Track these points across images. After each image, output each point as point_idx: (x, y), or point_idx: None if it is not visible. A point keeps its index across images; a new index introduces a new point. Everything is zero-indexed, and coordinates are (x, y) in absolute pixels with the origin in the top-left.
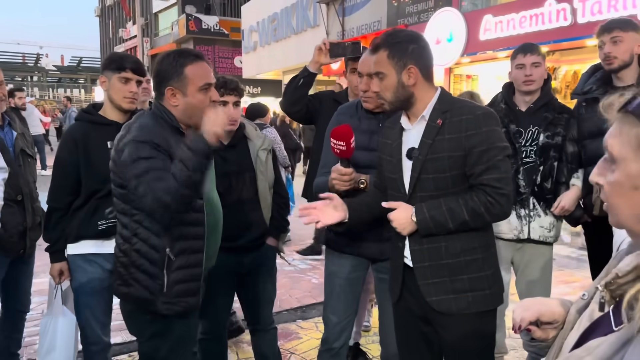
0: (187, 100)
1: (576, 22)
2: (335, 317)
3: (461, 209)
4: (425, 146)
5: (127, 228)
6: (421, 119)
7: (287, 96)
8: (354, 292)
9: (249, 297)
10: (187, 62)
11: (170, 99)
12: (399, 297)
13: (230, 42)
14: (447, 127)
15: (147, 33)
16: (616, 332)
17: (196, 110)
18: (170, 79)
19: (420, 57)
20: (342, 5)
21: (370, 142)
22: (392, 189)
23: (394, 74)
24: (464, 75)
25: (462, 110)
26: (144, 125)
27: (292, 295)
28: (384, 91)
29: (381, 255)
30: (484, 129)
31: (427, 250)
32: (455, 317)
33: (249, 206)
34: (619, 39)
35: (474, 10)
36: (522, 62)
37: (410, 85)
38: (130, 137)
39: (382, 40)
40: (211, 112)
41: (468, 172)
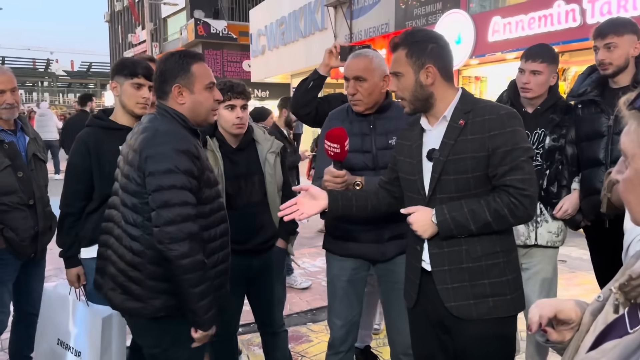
0: (195, 97)
1: (585, 22)
2: (340, 321)
3: (483, 210)
4: (446, 147)
5: (137, 241)
6: (442, 119)
7: (297, 99)
8: (357, 295)
9: (259, 300)
10: (193, 61)
11: (177, 97)
12: (415, 302)
13: (239, 46)
14: (470, 127)
15: (156, 38)
16: (631, 334)
17: (202, 108)
18: (177, 77)
19: (439, 56)
20: (349, 9)
21: (363, 145)
22: (410, 191)
23: (412, 73)
24: (472, 77)
25: (484, 110)
26: (170, 131)
27: (303, 298)
28: (403, 91)
29: (382, 257)
30: (508, 129)
31: (447, 254)
32: (474, 323)
33: (258, 209)
34: (613, 45)
35: (482, 11)
36: (522, 68)
37: (428, 84)
38: (164, 143)
39: (401, 39)
40: None
41: (491, 173)
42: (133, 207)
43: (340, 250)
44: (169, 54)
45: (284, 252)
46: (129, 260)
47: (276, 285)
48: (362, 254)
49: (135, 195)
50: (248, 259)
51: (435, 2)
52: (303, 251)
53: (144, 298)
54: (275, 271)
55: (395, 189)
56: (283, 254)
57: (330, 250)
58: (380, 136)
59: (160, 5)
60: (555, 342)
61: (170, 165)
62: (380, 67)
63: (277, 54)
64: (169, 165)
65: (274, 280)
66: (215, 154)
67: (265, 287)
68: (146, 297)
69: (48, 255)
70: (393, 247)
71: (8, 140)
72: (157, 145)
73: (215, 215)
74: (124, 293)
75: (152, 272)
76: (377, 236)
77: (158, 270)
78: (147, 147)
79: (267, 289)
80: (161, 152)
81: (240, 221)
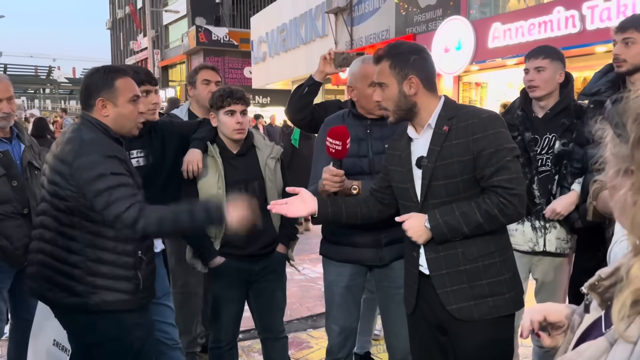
0: (118, 110)
1: (585, 28)
2: (337, 327)
3: (474, 212)
4: (433, 153)
5: (75, 240)
6: (427, 127)
7: (292, 104)
8: (354, 300)
9: (259, 305)
10: (117, 76)
11: (101, 109)
12: (414, 307)
13: (240, 53)
14: (454, 132)
15: (158, 45)
16: (604, 335)
17: (126, 120)
18: (101, 91)
19: (421, 67)
20: (350, 15)
21: (359, 150)
22: (404, 199)
23: (395, 84)
24: (473, 83)
25: (467, 115)
26: (95, 140)
27: (303, 304)
28: (386, 101)
29: (380, 261)
30: (490, 132)
31: (443, 258)
32: (473, 324)
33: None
34: (632, 40)
35: (483, 18)
36: (526, 67)
37: (411, 95)
38: (91, 152)
39: (385, 51)
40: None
41: (478, 175)
42: (68, 209)
43: (337, 255)
44: (94, 69)
45: (284, 257)
46: (66, 259)
47: (277, 291)
48: (359, 258)
49: (68, 199)
50: (248, 264)
51: (435, 9)
52: (303, 257)
53: (84, 294)
54: (275, 277)
55: (385, 196)
56: (283, 259)
57: (327, 256)
58: (377, 141)
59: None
60: (549, 347)
61: (101, 170)
62: None
63: (278, 61)
64: (100, 170)
65: (275, 285)
66: (215, 159)
67: (266, 292)
68: (86, 292)
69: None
70: (390, 251)
71: (3, 149)
72: (85, 155)
73: None
74: (63, 291)
75: (90, 268)
76: (374, 241)
77: (95, 267)
78: (76, 157)
79: (267, 295)
80: (90, 160)
81: None
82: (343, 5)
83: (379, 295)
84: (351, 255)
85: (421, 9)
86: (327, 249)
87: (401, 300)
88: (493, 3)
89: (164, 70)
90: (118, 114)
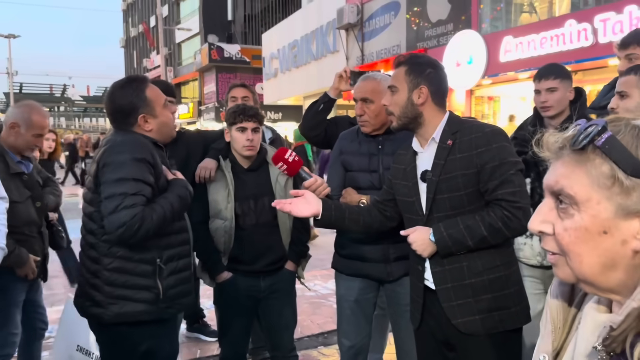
0: (159, 120)
1: (597, 41)
2: (348, 341)
3: (479, 225)
4: (437, 167)
5: (94, 248)
6: (432, 141)
7: (307, 121)
8: (365, 315)
9: (267, 323)
10: (144, 87)
11: (144, 125)
12: (420, 322)
13: (252, 69)
14: (458, 146)
15: (171, 62)
16: None
17: (167, 127)
18: (139, 108)
19: (433, 81)
20: (361, 31)
21: (370, 164)
22: (409, 213)
23: (406, 90)
24: (485, 97)
25: (471, 130)
26: (127, 140)
27: (314, 321)
28: (393, 105)
29: (388, 277)
30: (493, 146)
31: (448, 271)
32: (480, 339)
33: (267, 230)
34: (635, 56)
35: (494, 32)
36: (537, 88)
37: (418, 104)
38: (122, 152)
39: (406, 58)
40: None
41: (482, 189)
42: (90, 215)
43: (347, 269)
44: (118, 86)
45: (293, 274)
46: (89, 267)
47: (285, 309)
48: (368, 273)
49: (91, 203)
50: (255, 280)
51: (446, 23)
52: (314, 273)
53: (103, 304)
54: (283, 293)
55: (387, 208)
56: (293, 277)
57: (338, 269)
58: (388, 156)
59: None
60: None
61: (122, 174)
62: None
63: (289, 77)
64: (122, 174)
65: (283, 303)
66: (225, 174)
67: (273, 310)
68: (105, 302)
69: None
70: (399, 267)
71: (28, 172)
72: (115, 154)
73: (172, 223)
74: (87, 300)
75: (107, 278)
76: (383, 256)
77: (113, 276)
78: (105, 156)
79: (275, 312)
80: (118, 160)
81: (249, 241)
82: (354, 21)
83: (389, 311)
84: (360, 269)
85: (432, 23)
86: (338, 262)
87: None
88: (505, 17)
89: (176, 87)
90: (160, 123)
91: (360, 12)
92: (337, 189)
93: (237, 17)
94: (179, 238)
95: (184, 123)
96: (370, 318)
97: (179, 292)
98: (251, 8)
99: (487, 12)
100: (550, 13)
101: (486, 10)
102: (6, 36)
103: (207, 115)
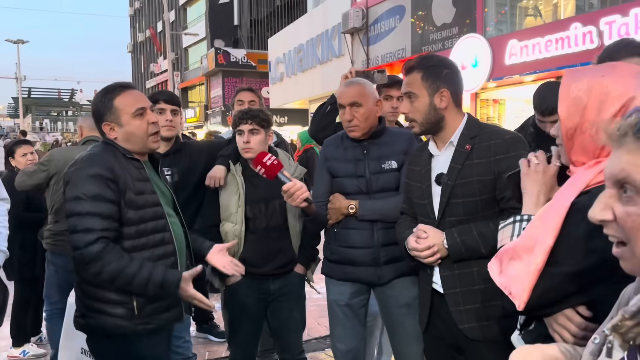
0: (125, 129)
1: (603, 44)
2: (343, 345)
3: (492, 233)
4: (454, 171)
5: (74, 260)
6: (449, 144)
7: (315, 123)
8: (358, 318)
9: (275, 325)
10: (115, 95)
11: (110, 133)
12: (427, 325)
13: (258, 73)
14: (476, 152)
15: (178, 67)
16: None
17: (135, 137)
18: (104, 115)
19: (452, 82)
20: (366, 35)
21: (356, 170)
22: (421, 215)
23: (427, 96)
24: (490, 99)
25: (490, 135)
26: (93, 155)
27: (321, 323)
28: (414, 113)
29: (379, 280)
30: (512, 154)
31: (458, 276)
32: (489, 345)
33: (276, 233)
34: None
35: (499, 35)
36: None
37: (442, 108)
38: (75, 168)
39: (417, 62)
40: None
41: (498, 196)
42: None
43: (338, 274)
44: (97, 94)
45: (302, 277)
46: (76, 279)
47: (294, 312)
48: (359, 277)
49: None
50: (264, 283)
51: (451, 27)
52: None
53: (85, 316)
54: (292, 296)
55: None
56: (302, 280)
57: (328, 275)
58: (373, 161)
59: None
60: None
61: (78, 193)
62: (373, 93)
63: (295, 81)
64: (78, 192)
65: (291, 306)
66: (236, 178)
67: (282, 313)
68: (86, 315)
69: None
70: (390, 270)
71: None
72: (75, 171)
73: (149, 237)
74: (77, 311)
75: (85, 290)
76: (373, 260)
77: (90, 289)
78: (69, 171)
79: (284, 315)
80: (75, 177)
81: (259, 245)
82: (359, 25)
83: (382, 314)
84: (351, 274)
85: (437, 27)
86: (328, 267)
87: (404, 319)
88: (509, 20)
89: (183, 91)
90: (126, 133)
91: (366, 16)
92: (324, 195)
93: (244, 22)
94: (157, 252)
95: (191, 127)
96: (364, 321)
97: (157, 308)
98: (257, 13)
99: (491, 15)
100: (555, 16)
101: (491, 13)
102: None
103: (214, 120)
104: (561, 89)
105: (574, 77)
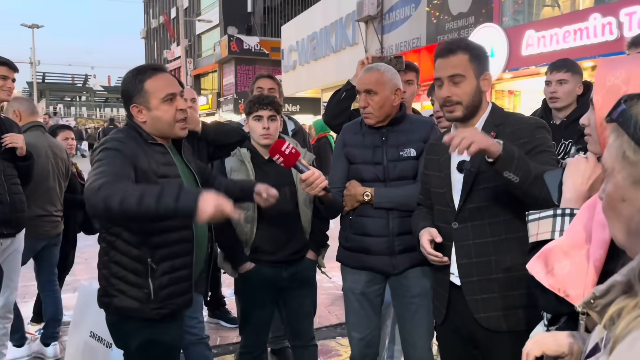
0: (153, 114)
1: (622, 35)
2: (358, 333)
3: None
4: (477, 158)
5: (104, 241)
6: None
7: (330, 109)
8: (372, 307)
9: (287, 312)
10: (146, 77)
11: (137, 115)
12: (444, 317)
13: (271, 61)
14: (501, 137)
15: (191, 54)
16: (601, 352)
17: (161, 123)
18: (133, 97)
19: (489, 66)
20: (381, 24)
21: (374, 157)
22: (439, 204)
23: (474, 78)
24: (506, 90)
25: (515, 122)
26: (115, 136)
27: (332, 311)
28: (462, 95)
29: (393, 269)
30: (537, 136)
31: (475, 265)
32: (505, 336)
33: (288, 219)
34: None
35: (516, 25)
36: (548, 79)
37: (484, 92)
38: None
39: (458, 44)
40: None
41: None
42: None
43: (352, 262)
44: (126, 74)
45: (314, 264)
46: (101, 258)
47: (306, 298)
48: (373, 266)
49: None
50: (278, 270)
51: (467, 16)
52: (333, 264)
53: (109, 295)
54: (305, 284)
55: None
56: (313, 266)
57: (343, 263)
58: (392, 148)
59: (194, 22)
60: None
61: (101, 147)
62: (392, 80)
63: (307, 69)
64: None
65: (304, 292)
66: (245, 164)
67: (295, 299)
68: (110, 294)
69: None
70: (404, 259)
71: None
72: (98, 153)
73: (166, 222)
74: (101, 289)
75: (111, 270)
76: (387, 248)
77: (114, 268)
78: (94, 154)
79: (296, 302)
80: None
81: (271, 232)
82: (374, 13)
83: (394, 304)
84: (365, 262)
85: (453, 16)
86: (343, 255)
87: (417, 309)
88: (527, 10)
89: (196, 78)
90: (153, 117)
91: (380, 5)
92: (340, 182)
93: (257, 9)
94: (174, 236)
95: (203, 115)
96: (378, 310)
97: (172, 292)
98: (271, 0)
99: (508, 5)
100: (574, 6)
101: (508, 3)
102: (30, 26)
103: (226, 107)
104: (596, 79)
105: (609, 66)
